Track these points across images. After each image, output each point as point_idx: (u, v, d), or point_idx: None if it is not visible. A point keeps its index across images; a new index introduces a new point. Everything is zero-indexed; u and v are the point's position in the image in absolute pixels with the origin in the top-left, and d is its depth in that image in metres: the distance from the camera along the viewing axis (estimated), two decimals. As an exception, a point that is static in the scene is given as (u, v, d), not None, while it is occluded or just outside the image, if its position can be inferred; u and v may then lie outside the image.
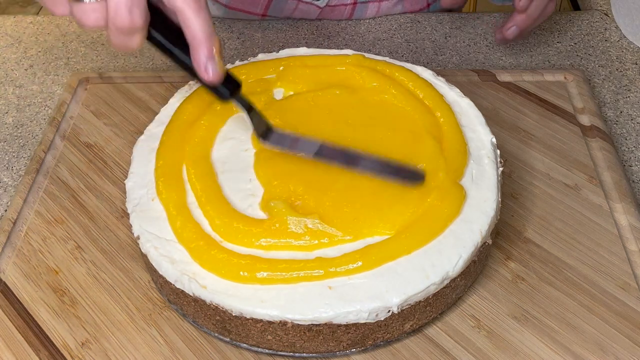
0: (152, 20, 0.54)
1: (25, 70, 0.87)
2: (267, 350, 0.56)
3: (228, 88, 0.58)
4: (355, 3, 0.92)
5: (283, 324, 0.53)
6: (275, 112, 0.65)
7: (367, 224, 0.56)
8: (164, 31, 0.56)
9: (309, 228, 0.56)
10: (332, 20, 0.94)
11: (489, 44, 0.90)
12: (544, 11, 0.81)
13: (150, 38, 0.55)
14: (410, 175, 0.59)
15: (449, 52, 0.89)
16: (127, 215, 0.60)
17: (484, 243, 0.58)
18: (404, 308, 0.54)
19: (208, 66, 0.54)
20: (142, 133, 0.66)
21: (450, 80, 0.73)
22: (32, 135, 0.78)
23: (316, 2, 0.91)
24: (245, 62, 0.72)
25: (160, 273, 0.56)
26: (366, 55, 0.71)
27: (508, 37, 0.82)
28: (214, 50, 0.54)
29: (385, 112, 0.66)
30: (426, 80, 0.69)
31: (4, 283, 0.62)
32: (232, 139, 0.65)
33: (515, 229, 0.66)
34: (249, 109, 0.60)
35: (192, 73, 0.56)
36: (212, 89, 0.57)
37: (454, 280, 0.56)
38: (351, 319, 0.53)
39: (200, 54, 0.54)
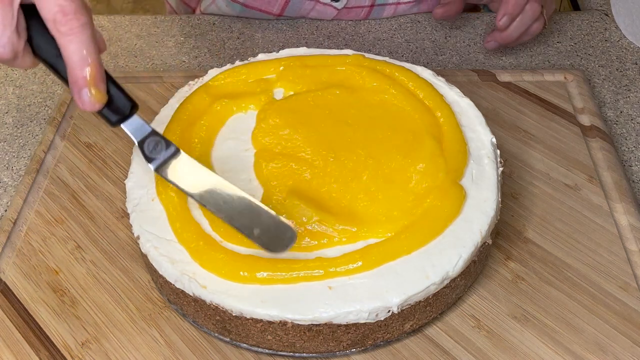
0: (38, 38, 0.51)
1: (25, 70, 0.87)
2: (267, 350, 0.56)
3: (119, 112, 0.53)
4: (372, 5, 0.92)
5: (283, 324, 0.53)
6: (275, 112, 0.65)
7: (367, 225, 0.56)
8: (50, 49, 0.51)
9: (309, 230, 0.56)
10: (334, 20, 0.94)
11: (486, 38, 0.90)
12: (528, 31, 0.83)
13: (37, 55, 0.52)
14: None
15: (449, 52, 0.89)
16: (127, 215, 0.60)
17: (484, 243, 0.58)
18: (404, 308, 0.54)
19: (81, 94, 0.50)
20: (142, 133, 0.66)
21: (450, 80, 0.73)
22: (32, 135, 0.78)
23: (334, 4, 0.91)
24: (245, 62, 0.72)
25: (160, 273, 0.56)
26: (366, 55, 0.71)
27: (488, 48, 0.86)
28: (87, 76, 0.50)
29: (385, 112, 0.66)
30: (426, 80, 0.69)
31: (4, 283, 0.62)
32: (232, 139, 0.65)
33: (515, 229, 0.66)
34: (145, 136, 0.55)
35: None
36: (99, 114, 0.53)
37: (454, 280, 0.56)
38: (351, 319, 0.53)
39: (72, 81, 0.50)
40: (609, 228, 0.65)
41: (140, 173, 0.62)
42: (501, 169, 0.63)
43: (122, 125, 0.54)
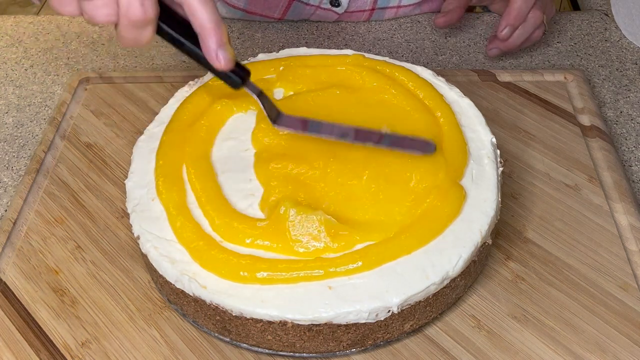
0: (160, 14, 0.54)
1: (25, 70, 0.87)
2: (267, 350, 0.56)
3: (239, 76, 0.58)
4: (373, 9, 0.92)
5: (283, 324, 0.53)
6: (275, 112, 0.65)
7: (367, 225, 0.56)
8: (172, 24, 0.56)
9: (309, 231, 0.56)
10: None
11: (488, 43, 0.90)
12: (529, 38, 0.83)
13: (159, 32, 0.56)
14: (422, 146, 0.60)
15: (449, 52, 0.89)
16: (127, 215, 0.60)
17: (484, 243, 0.58)
18: (404, 308, 0.54)
19: (219, 54, 0.55)
20: (142, 133, 0.66)
21: (450, 80, 0.73)
22: (32, 135, 0.78)
23: (335, 9, 0.91)
24: (245, 62, 0.72)
25: (160, 273, 0.56)
26: (366, 55, 0.71)
27: (490, 56, 0.85)
28: (223, 38, 0.55)
29: (385, 112, 0.66)
30: (426, 80, 0.69)
31: (4, 283, 0.62)
32: (232, 139, 0.65)
33: (515, 229, 0.66)
34: (260, 94, 0.61)
35: (202, 63, 0.57)
36: (224, 77, 0.58)
37: (454, 280, 0.56)
38: (351, 319, 0.53)
39: (210, 42, 0.55)
40: (609, 228, 0.65)
41: (140, 173, 0.62)
42: (501, 169, 0.63)
43: (244, 86, 0.59)
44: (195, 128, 0.65)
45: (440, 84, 0.69)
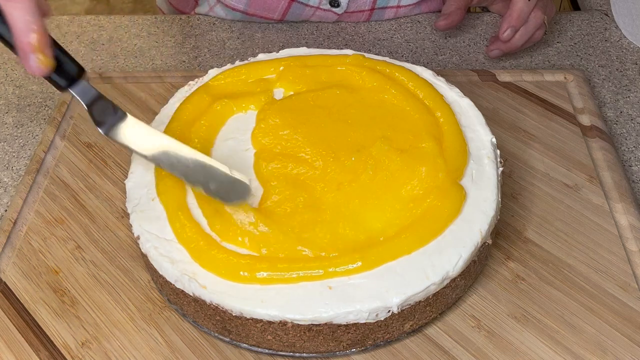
0: None
1: (25, 70, 0.87)
2: (267, 350, 0.56)
3: (67, 77, 0.55)
4: (372, 9, 0.92)
5: (283, 324, 0.53)
6: (275, 112, 0.65)
7: (367, 225, 0.56)
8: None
9: (309, 232, 0.56)
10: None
11: (488, 44, 0.90)
12: (531, 38, 0.83)
13: None
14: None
15: (449, 52, 0.89)
16: (127, 215, 0.60)
17: (484, 243, 0.58)
18: (404, 308, 0.54)
19: (29, 59, 0.52)
20: (142, 133, 0.66)
21: (450, 80, 0.73)
22: (32, 135, 0.78)
23: (334, 9, 0.91)
24: (245, 62, 0.72)
25: (160, 273, 0.56)
26: (366, 55, 0.71)
27: (491, 57, 0.85)
28: (33, 42, 0.51)
29: (385, 112, 0.66)
30: (426, 80, 0.69)
31: (4, 283, 0.62)
32: (232, 139, 0.65)
33: (515, 229, 0.66)
34: (94, 99, 0.56)
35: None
36: (48, 79, 0.55)
37: (454, 280, 0.56)
38: (351, 319, 0.53)
39: (19, 47, 0.52)
40: (609, 228, 0.65)
41: (140, 173, 0.62)
42: (501, 169, 0.63)
43: (70, 90, 0.55)
44: (195, 128, 0.65)
45: (440, 84, 0.69)
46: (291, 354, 0.56)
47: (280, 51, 0.74)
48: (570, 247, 0.64)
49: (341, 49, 0.81)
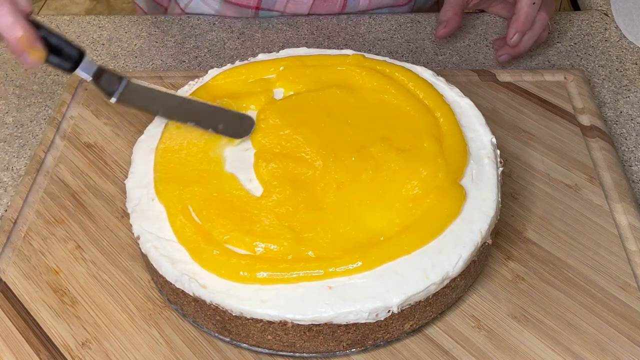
0: None
1: (25, 70, 0.87)
2: (267, 350, 0.56)
3: (70, 59, 0.58)
4: None
5: (283, 324, 0.53)
6: (275, 112, 0.65)
7: (366, 225, 0.56)
8: None
9: (309, 233, 0.56)
10: (330, 18, 0.94)
11: (488, 44, 0.90)
12: (537, 40, 0.83)
13: None
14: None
15: (449, 52, 0.89)
16: (127, 215, 0.60)
17: (484, 243, 0.58)
18: (404, 308, 0.54)
19: (22, 57, 0.56)
20: (142, 133, 0.66)
21: (450, 80, 0.73)
22: (32, 135, 0.78)
23: None
24: (245, 62, 0.72)
25: (160, 273, 0.56)
26: (366, 55, 0.71)
27: (501, 62, 0.85)
28: (23, 41, 0.55)
29: (385, 112, 0.66)
30: (426, 80, 0.69)
31: (4, 283, 0.62)
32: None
33: (515, 229, 0.66)
34: (97, 74, 0.60)
35: None
36: (54, 65, 0.58)
37: (454, 280, 0.56)
38: (351, 319, 0.53)
39: (10, 48, 0.55)
40: (609, 228, 0.65)
41: (140, 173, 0.62)
42: (501, 169, 0.63)
43: (77, 72, 0.59)
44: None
45: (440, 84, 0.69)
46: (291, 354, 0.56)
47: (280, 51, 0.74)
48: (570, 247, 0.64)
49: (341, 49, 0.81)
